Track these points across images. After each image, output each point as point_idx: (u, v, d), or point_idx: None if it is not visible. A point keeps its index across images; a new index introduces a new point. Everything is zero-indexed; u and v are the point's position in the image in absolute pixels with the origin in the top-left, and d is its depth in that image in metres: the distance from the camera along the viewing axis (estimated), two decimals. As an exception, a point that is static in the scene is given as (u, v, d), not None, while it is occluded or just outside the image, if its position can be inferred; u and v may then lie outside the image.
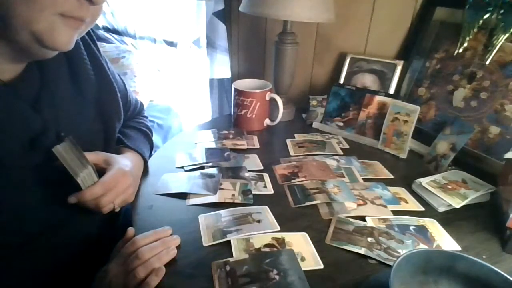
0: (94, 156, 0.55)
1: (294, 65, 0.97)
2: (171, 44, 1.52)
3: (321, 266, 0.50)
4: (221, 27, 1.21)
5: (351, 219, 0.60)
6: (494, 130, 0.75)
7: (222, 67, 1.28)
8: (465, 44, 0.81)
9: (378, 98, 0.88)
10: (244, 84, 0.95)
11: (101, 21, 1.67)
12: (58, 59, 0.51)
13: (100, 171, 0.55)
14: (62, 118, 0.52)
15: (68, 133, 0.51)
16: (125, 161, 0.61)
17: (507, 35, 0.74)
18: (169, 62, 1.65)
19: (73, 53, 0.55)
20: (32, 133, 0.48)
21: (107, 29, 1.69)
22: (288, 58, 0.95)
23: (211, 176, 0.70)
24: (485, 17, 0.77)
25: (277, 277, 0.47)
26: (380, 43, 1.01)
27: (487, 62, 0.77)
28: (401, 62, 0.94)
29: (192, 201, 0.63)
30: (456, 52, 0.82)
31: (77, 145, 0.50)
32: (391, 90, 0.95)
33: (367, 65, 0.99)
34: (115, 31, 1.69)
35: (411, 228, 0.59)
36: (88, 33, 0.60)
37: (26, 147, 0.47)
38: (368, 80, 0.99)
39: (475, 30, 0.79)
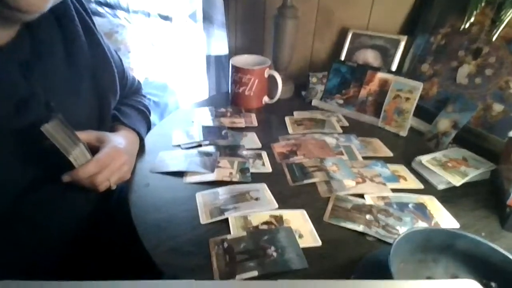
0: (85, 135, 0.54)
1: (294, 40, 0.94)
2: (165, 18, 1.47)
3: (319, 244, 0.50)
4: (218, 0, 1.16)
5: (349, 197, 0.60)
6: (498, 107, 0.73)
7: (219, 42, 1.24)
8: (472, 19, 0.78)
9: (380, 75, 0.86)
10: (242, 60, 0.92)
11: (93, -6, 1.60)
12: (51, 31, 0.51)
13: (93, 150, 0.53)
14: (53, 88, 0.51)
15: (60, 106, 0.50)
16: (119, 139, 0.59)
17: (516, 9, 0.71)
18: (164, 37, 1.59)
19: (67, 25, 0.54)
20: (19, 98, 0.47)
21: (99, 3, 1.63)
22: (288, 33, 0.92)
23: (208, 154, 0.69)
24: (494, -11, 0.73)
25: (274, 254, 0.47)
26: (383, 17, 0.97)
27: (494, 38, 0.74)
28: (405, 37, 0.91)
29: (190, 179, 0.62)
30: (462, 27, 0.79)
31: (66, 123, 0.48)
32: (394, 67, 0.92)
33: (370, 41, 0.96)
34: (107, 5, 1.62)
35: (410, 205, 0.58)
36: (82, 6, 0.58)
37: (11, 111, 0.47)
38: (370, 57, 0.96)
39: (483, 4, 0.75)
